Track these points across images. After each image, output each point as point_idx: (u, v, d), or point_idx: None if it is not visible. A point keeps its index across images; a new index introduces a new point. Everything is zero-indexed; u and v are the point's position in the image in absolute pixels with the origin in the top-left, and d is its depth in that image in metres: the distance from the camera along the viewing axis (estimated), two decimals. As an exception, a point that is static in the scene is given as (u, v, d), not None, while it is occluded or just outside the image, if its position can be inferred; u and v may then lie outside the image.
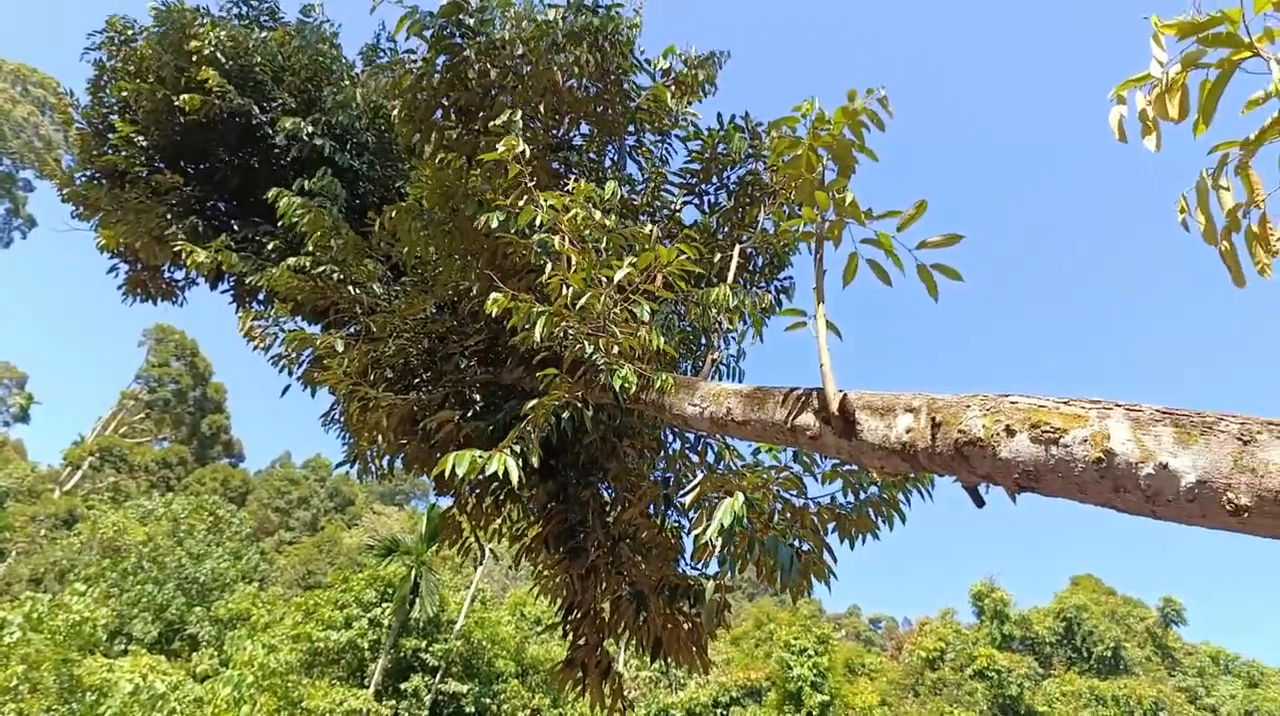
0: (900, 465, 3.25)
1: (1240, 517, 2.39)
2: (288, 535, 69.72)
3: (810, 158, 3.98)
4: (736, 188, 7.29)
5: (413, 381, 6.86)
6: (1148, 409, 2.63)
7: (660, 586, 6.13)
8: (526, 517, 7.13)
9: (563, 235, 4.65)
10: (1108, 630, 49.90)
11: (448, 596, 33.64)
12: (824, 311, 3.71)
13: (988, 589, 51.83)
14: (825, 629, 44.24)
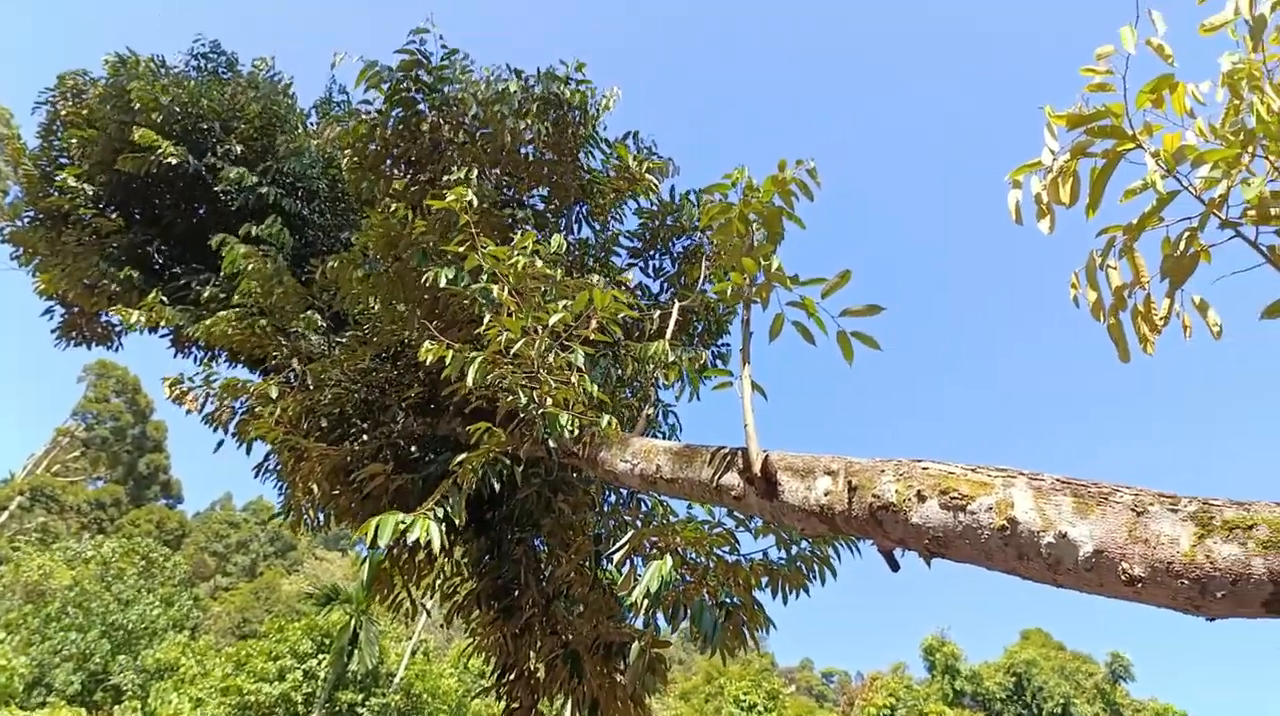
0: (819, 527, 3.29)
1: (1135, 588, 2.47)
2: (225, 580, 67.48)
3: (739, 224, 4.09)
4: (681, 255, 7.50)
5: (348, 432, 6.77)
6: (1049, 478, 2.72)
7: (596, 644, 6.06)
8: (460, 573, 7.03)
9: (503, 284, 4.68)
10: (1057, 686, 50.24)
11: (388, 647, 32.73)
12: (749, 372, 3.78)
13: (939, 643, 52.01)
14: (776, 683, 43.91)
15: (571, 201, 7.31)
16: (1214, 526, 2.35)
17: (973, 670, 50.94)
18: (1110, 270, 2.53)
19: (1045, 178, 2.57)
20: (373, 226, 6.18)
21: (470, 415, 5.63)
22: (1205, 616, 2.47)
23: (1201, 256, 2.32)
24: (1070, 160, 2.49)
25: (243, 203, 9.63)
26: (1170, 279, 2.34)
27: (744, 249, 4.03)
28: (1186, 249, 2.28)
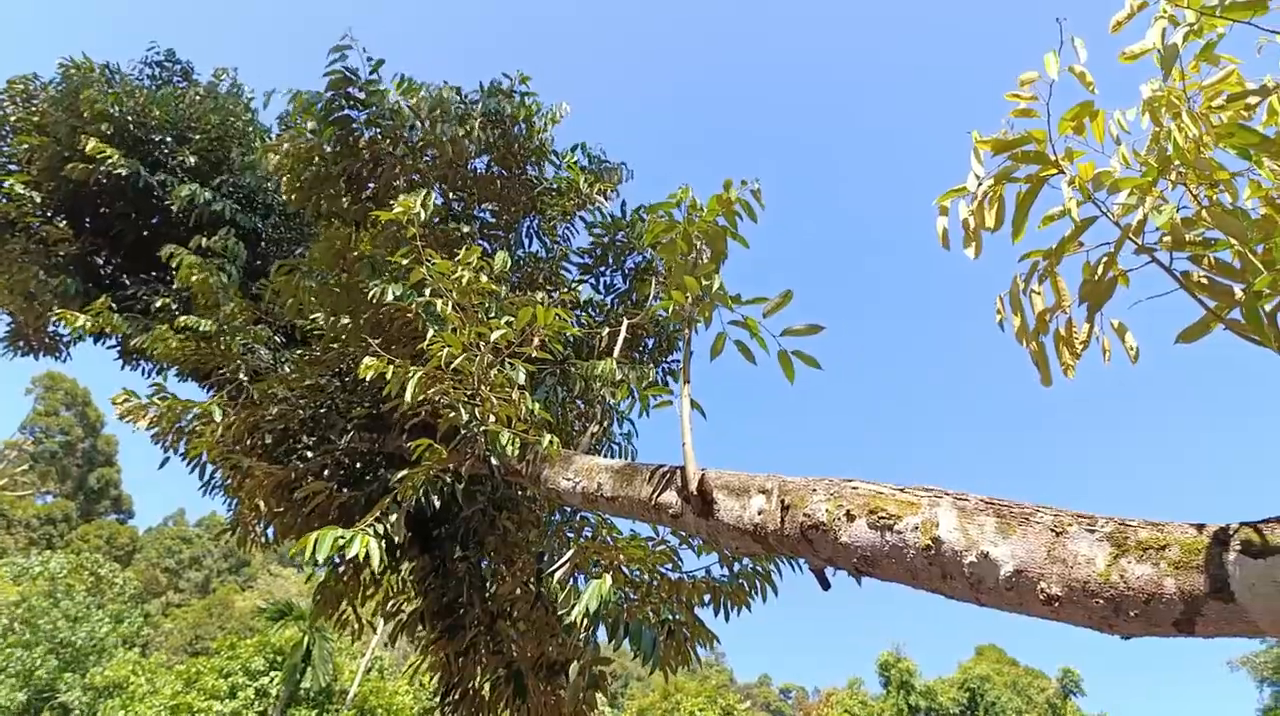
0: (753, 546, 3.31)
1: (1053, 607, 2.51)
2: (177, 597, 65.93)
3: (683, 243, 4.11)
4: (633, 272, 7.52)
5: (293, 448, 6.65)
6: (973, 498, 2.75)
7: (539, 663, 6.01)
8: (405, 591, 6.94)
9: (447, 299, 4.64)
10: (1010, 701, 50.80)
11: (342, 664, 32.17)
12: (689, 391, 3.79)
13: (894, 659, 52.40)
14: (732, 700, 43.89)
15: (520, 215, 7.30)
16: (1129, 546, 2.39)
17: (927, 685, 51.38)
18: (1034, 294, 2.58)
19: (972, 203, 2.61)
20: (318, 242, 6.10)
21: (415, 432, 5.58)
22: (1119, 635, 2.51)
23: (1120, 281, 2.37)
24: (996, 185, 2.54)
25: (195, 216, 9.47)
26: (1089, 303, 2.39)
27: (688, 267, 4.05)
28: (1105, 274, 2.33)
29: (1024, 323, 2.56)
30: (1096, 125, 2.49)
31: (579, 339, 6.68)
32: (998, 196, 2.55)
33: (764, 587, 5.34)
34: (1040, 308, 2.54)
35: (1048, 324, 2.54)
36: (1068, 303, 2.52)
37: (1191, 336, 2.37)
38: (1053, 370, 2.56)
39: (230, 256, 8.38)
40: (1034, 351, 2.58)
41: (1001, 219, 2.57)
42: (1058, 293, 2.52)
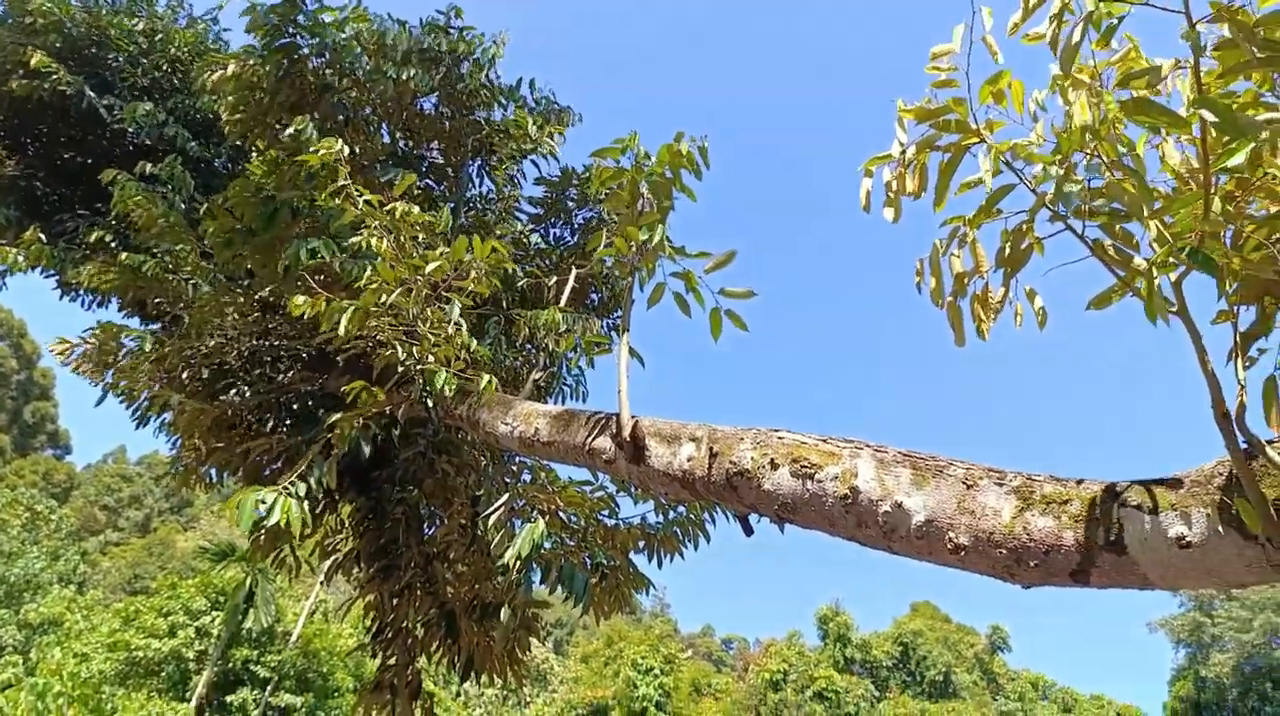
0: (681, 492, 3.41)
1: (959, 556, 2.65)
2: (115, 535, 64.93)
3: (631, 190, 4.14)
4: (582, 226, 7.51)
5: (231, 384, 6.55)
6: (892, 451, 2.88)
7: (472, 605, 6.12)
8: (343, 532, 6.95)
9: (380, 234, 4.60)
10: (940, 655, 52.72)
11: (286, 606, 32.10)
12: (628, 340, 3.86)
13: (833, 613, 54.02)
14: (674, 648, 44.92)
15: (469, 156, 7.18)
16: (1034, 500, 2.52)
17: (863, 639, 53.13)
18: (953, 258, 2.67)
19: (895, 169, 2.69)
20: (235, 185, 5.87)
21: (353, 368, 5.55)
22: (1020, 584, 2.65)
23: (1035, 248, 2.47)
24: (919, 153, 2.61)
25: (143, 141, 9.11)
26: (1005, 268, 2.49)
27: (633, 216, 4.09)
28: (1021, 241, 2.43)
29: (940, 285, 2.66)
30: (1016, 96, 2.57)
31: (526, 288, 6.69)
32: (921, 164, 2.63)
33: (696, 535, 5.50)
34: (959, 271, 2.64)
35: (965, 287, 2.64)
36: (985, 267, 2.62)
37: (1101, 303, 2.49)
38: (967, 332, 2.68)
39: (176, 185, 8.10)
40: (950, 313, 2.68)
41: (924, 185, 2.66)
42: (976, 257, 2.62)
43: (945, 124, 2.45)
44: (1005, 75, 2.45)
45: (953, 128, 2.44)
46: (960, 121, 2.43)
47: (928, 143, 2.56)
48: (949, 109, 2.44)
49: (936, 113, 2.48)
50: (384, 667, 6.61)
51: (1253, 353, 2.46)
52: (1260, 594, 55.29)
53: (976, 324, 2.65)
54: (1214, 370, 2.12)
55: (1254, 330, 2.43)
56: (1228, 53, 2.05)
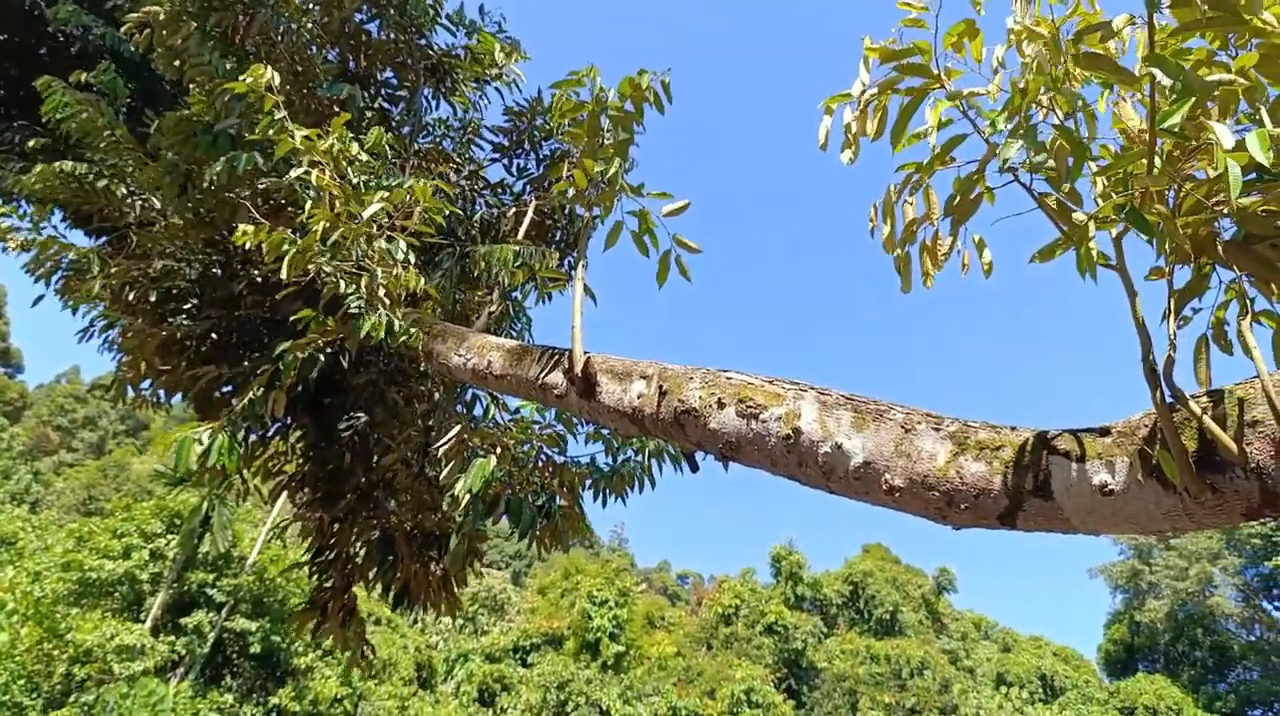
0: (630, 428, 3.45)
1: (893, 497, 2.72)
2: (69, 456, 64.12)
3: (591, 123, 4.09)
4: (548, 158, 7.35)
5: (180, 307, 6.41)
6: (835, 393, 2.93)
7: (413, 534, 6.18)
8: (292, 452, 6.91)
9: (321, 169, 4.48)
10: (888, 595, 54.41)
11: (243, 531, 32.15)
12: (583, 275, 3.86)
13: (786, 552, 55.42)
14: (629, 582, 45.85)
15: (420, 83, 6.96)
16: (968, 445, 2.59)
17: (814, 578, 54.67)
18: (907, 205, 2.69)
19: (856, 109, 2.69)
20: (166, 118, 5.63)
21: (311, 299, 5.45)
22: (951, 525, 2.74)
23: (985, 197, 2.49)
24: (880, 94, 2.61)
25: (80, 48, 8.72)
26: (954, 217, 2.52)
27: (593, 149, 4.05)
28: (971, 190, 2.45)
29: (892, 231, 2.69)
30: (975, 46, 2.56)
31: (485, 219, 6.59)
32: (882, 106, 2.63)
33: (642, 480, 5.58)
34: (910, 218, 2.67)
35: (915, 234, 2.67)
36: (936, 215, 2.65)
37: (1045, 257, 2.53)
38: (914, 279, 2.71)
39: (112, 93, 7.74)
40: (898, 259, 2.71)
41: (883, 128, 2.66)
42: (929, 205, 2.64)
43: (907, 67, 2.45)
44: (970, 25, 2.44)
45: (914, 71, 2.43)
46: (923, 65, 2.42)
47: (889, 84, 2.55)
48: (913, 51, 2.43)
49: (900, 54, 2.46)
50: (320, 589, 6.67)
51: (1187, 312, 2.53)
52: (1197, 544, 57.72)
53: (923, 272, 2.69)
54: (1146, 326, 2.18)
55: (1189, 289, 2.49)
56: (1182, 10, 2.06)
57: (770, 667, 45.53)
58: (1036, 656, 55.12)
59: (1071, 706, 48.16)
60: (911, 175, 2.61)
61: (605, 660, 38.60)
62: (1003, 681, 51.15)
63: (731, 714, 38.44)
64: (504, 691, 39.96)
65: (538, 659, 41.57)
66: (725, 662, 44.33)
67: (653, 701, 37.36)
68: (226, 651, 29.46)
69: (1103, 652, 62.71)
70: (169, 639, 27.63)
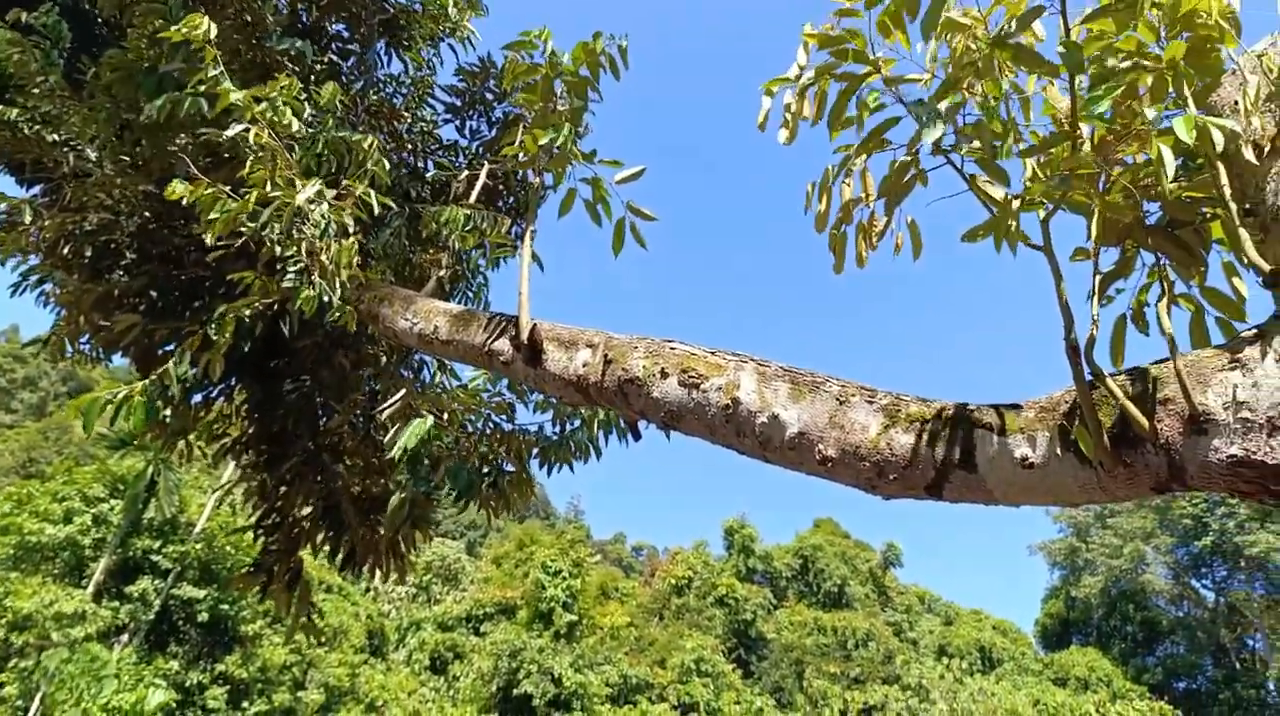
0: (575, 396, 3.49)
1: (826, 467, 2.79)
2: (9, 417, 62.41)
3: (545, 87, 4.07)
4: (501, 122, 7.24)
5: (117, 263, 6.23)
6: (774, 365, 2.98)
7: (361, 498, 6.15)
8: (237, 415, 6.79)
9: (262, 127, 4.39)
10: (837, 569, 55.52)
11: (190, 497, 31.62)
12: (532, 242, 3.86)
13: (739, 525, 56.20)
14: (584, 553, 46.14)
15: (373, 38, 6.80)
16: (899, 418, 2.66)
17: (766, 551, 55.56)
18: (844, 186, 2.75)
19: (795, 92, 2.72)
20: (108, 59, 5.42)
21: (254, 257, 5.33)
22: (880, 495, 2.82)
23: (919, 179, 2.56)
24: (819, 79, 2.65)
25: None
26: (888, 198, 2.58)
27: (545, 114, 4.03)
28: (905, 172, 2.51)
29: (826, 211, 2.74)
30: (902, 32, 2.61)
31: (436, 181, 6.52)
32: (822, 90, 2.67)
33: (589, 450, 5.63)
34: (847, 199, 2.72)
35: (851, 214, 2.73)
36: (871, 197, 2.70)
37: (974, 237, 2.61)
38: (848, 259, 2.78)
39: (53, 36, 7.41)
40: (833, 239, 2.77)
41: (821, 112, 2.70)
42: (865, 186, 2.70)
43: (844, 52, 2.49)
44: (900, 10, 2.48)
45: (850, 57, 2.48)
46: (858, 51, 2.46)
47: (826, 69, 2.59)
48: (848, 37, 2.47)
49: (837, 40, 2.50)
50: (265, 552, 6.61)
51: (1111, 293, 2.63)
52: (1132, 523, 59.77)
53: (857, 251, 2.75)
54: (1069, 306, 2.26)
55: (1114, 272, 2.59)
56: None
57: (720, 638, 46.28)
58: (976, 629, 56.91)
59: (1008, 677, 49.85)
60: (849, 157, 2.67)
61: (558, 629, 38.90)
62: (944, 652, 52.70)
63: (681, 682, 39.05)
64: (456, 659, 40.14)
65: (491, 627, 41.78)
66: (676, 633, 44.94)
67: (604, 670, 37.81)
68: (172, 618, 29.08)
69: (1039, 626, 64.98)
70: (112, 605, 27.16)
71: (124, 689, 23.75)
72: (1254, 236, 2.13)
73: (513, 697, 35.45)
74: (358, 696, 34.64)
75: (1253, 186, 2.16)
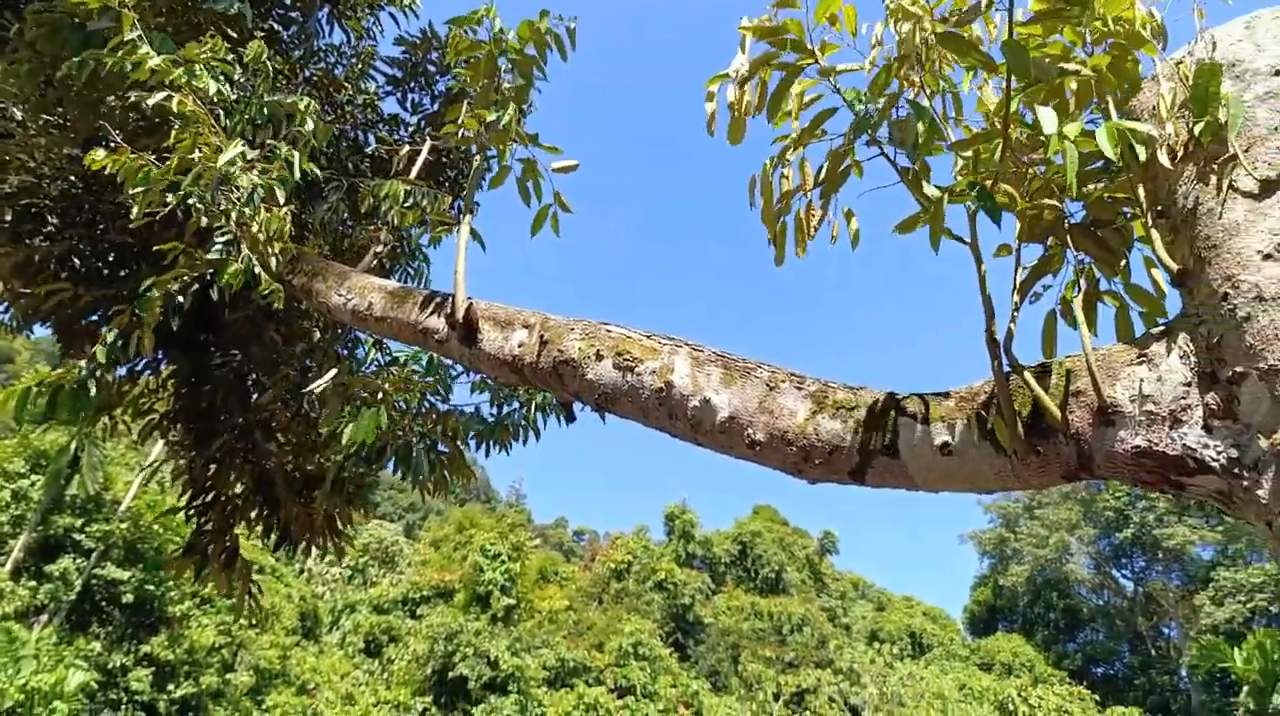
0: (510, 377, 3.48)
1: (754, 451, 2.84)
2: (-76, 389, 59.56)
3: (488, 66, 4.02)
4: (444, 95, 7.11)
5: (40, 228, 5.98)
6: (708, 350, 3.02)
7: (294, 475, 6.05)
8: (163, 390, 6.60)
9: (185, 92, 4.25)
10: (775, 555, 56.32)
11: (116, 474, 30.62)
12: (470, 219, 3.83)
13: (680, 511, 56.62)
14: (524, 537, 46.05)
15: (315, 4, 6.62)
16: (826, 404, 2.71)
17: (706, 537, 56.09)
18: (784, 178, 2.79)
19: (737, 87, 2.75)
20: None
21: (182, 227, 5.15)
22: (807, 479, 2.88)
23: (854, 170, 2.61)
24: (758, 69, 2.67)
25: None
26: (823, 188, 2.62)
27: (489, 92, 3.99)
28: (841, 162, 2.55)
29: (769, 203, 2.78)
30: (849, 21, 2.65)
31: (377, 155, 6.40)
32: (764, 81, 2.69)
33: (526, 432, 5.61)
34: (785, 189, 2.76)
35: (789, 205, 2.77)
36: (810, 187, 2.75)
37: (906, 228, 2.67)
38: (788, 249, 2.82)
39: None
40: (771, 230, 2.81)
41: (763, 104, 2.73)
42: (804, 176, 2.74)
43: (783, 42, 2.52)
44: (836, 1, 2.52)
45: (789, 47, 2.51)
46: (797, 41, 2.49)
47: (766, 59, 2.62)
48: (787, 28, 2.50)
49: (775, 30, 2.53)
50: (199, 533, 6.45)
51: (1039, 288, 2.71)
52: (1058, 515, 61.91)
53: (797, 242, 2.80)
54: (991, 299, 2.33)
55: (1040, 268, 2.67)
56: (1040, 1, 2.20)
57: (658, 622, 46.63)
58: (907, 615, 58.46)
59: (936, 661, 51.34)
60: (786, 148, 2.70)
61: (495, 612, 38.79)
62: (875, 638, 54.00)
63: (618, 665, 39.26)
64: (391, 642, 39.75)
65: (427, 611, 41.44)
66: (615, 617, 45.12)
67: (541, 653, 37.83)
68: (95, 598, 28.19)
69: (968, 613, 67.08)
70: (30, 584, 26.24)
71: (43, 669, 22.96)
72: (1165, 237, 2.22)
73: (448, 680, 35.27)
74: (289, 679, 34.12)
75: (1165, 189, 2.25)
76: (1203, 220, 2.00)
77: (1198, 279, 2.00)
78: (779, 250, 2.85)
